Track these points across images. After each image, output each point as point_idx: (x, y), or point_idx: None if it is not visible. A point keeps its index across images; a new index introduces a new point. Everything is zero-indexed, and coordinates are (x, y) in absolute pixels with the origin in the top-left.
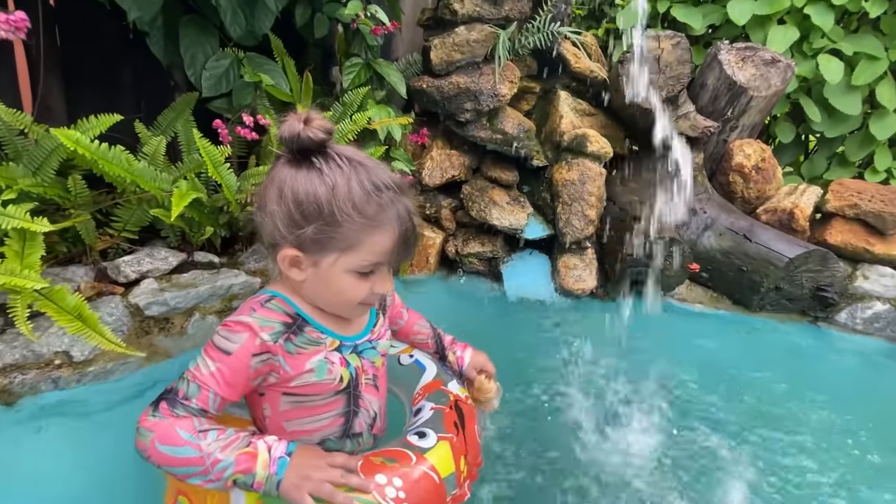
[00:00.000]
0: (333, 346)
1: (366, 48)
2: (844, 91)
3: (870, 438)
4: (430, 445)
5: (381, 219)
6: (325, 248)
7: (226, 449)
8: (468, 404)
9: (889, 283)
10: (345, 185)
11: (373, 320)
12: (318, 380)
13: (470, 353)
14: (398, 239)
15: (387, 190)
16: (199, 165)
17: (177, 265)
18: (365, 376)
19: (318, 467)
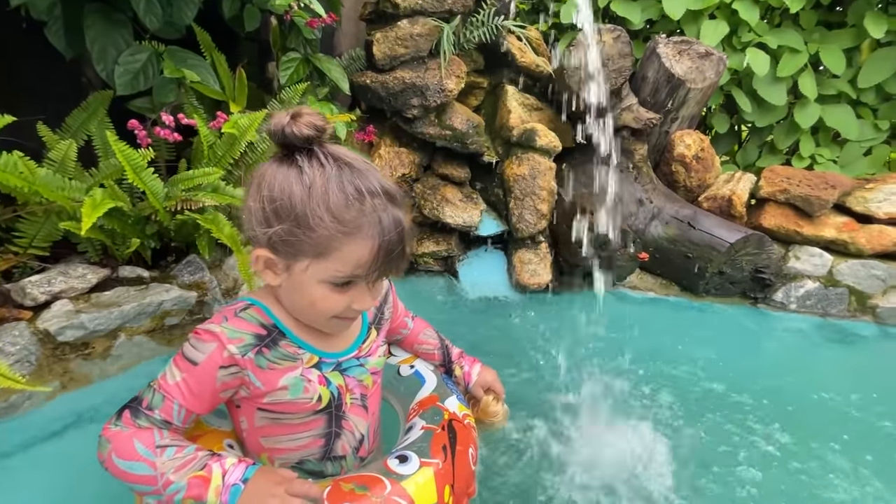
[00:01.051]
0: (311, 362)
1: (303, 42)
2: (771, 82)
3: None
4: (410, 472)
5: (359, 227)
6: (297, 253)
7: (180, 470)
8: (465, 425)
9: (818, 262)
10: (322, 185)
11: (362, 335)
12: (293, 398)
13: (478, 369)
14: (377, 251)
15: (371, 196)
16: (118, 171)
17: (97, 283)
18: (350, 396)
19: (275, 496)
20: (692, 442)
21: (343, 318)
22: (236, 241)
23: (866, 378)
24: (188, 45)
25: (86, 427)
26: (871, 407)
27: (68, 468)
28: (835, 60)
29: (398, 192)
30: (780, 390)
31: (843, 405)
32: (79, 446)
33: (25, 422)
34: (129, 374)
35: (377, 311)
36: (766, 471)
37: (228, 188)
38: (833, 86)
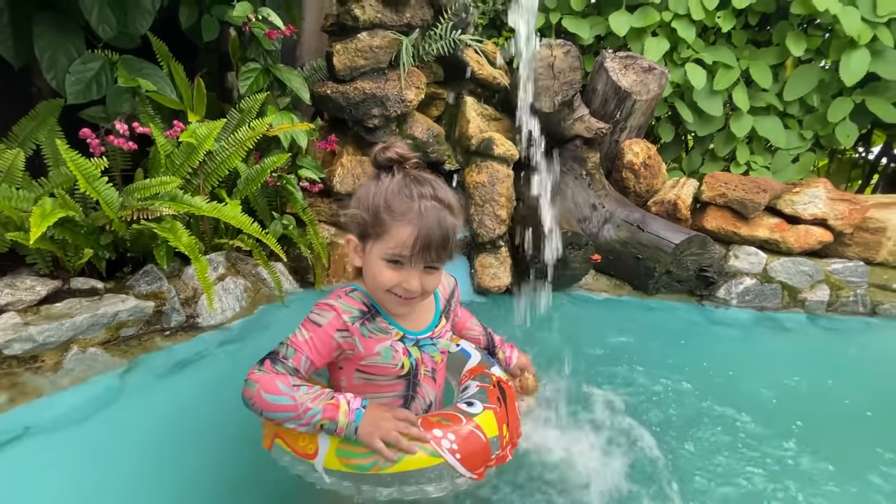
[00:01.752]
0: (398, 336)
1: (263, 53)
2: (709, 95)
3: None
4: (478, 412)
5: (406, 215)
6: (367, 235)
7: (315, 400)
8: (509, 385)
9: (754, 260)
10: (388, 186)
11: (435, 321)
12: (384, 362)
13: (516, 353)
14: (416, 237)
15: (421, 198)
16: (69, 180)
17: (47, 294)
18: (424, 368)
19: (387, 419)
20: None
21: (398, 295)
22: (194, 250)
23: (798, 362)
24: (145, 54)
25: (37, 439)
26: (801, 385)
27: (20, 480)
28: (763, 75)
29: (455, 203)
30: (725, 378)
31: (778, 385)
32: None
33: None
34: (82, 387)
35: (447, 303)
36: (716, 453)
37: (186, 197)
38: (763, 98)
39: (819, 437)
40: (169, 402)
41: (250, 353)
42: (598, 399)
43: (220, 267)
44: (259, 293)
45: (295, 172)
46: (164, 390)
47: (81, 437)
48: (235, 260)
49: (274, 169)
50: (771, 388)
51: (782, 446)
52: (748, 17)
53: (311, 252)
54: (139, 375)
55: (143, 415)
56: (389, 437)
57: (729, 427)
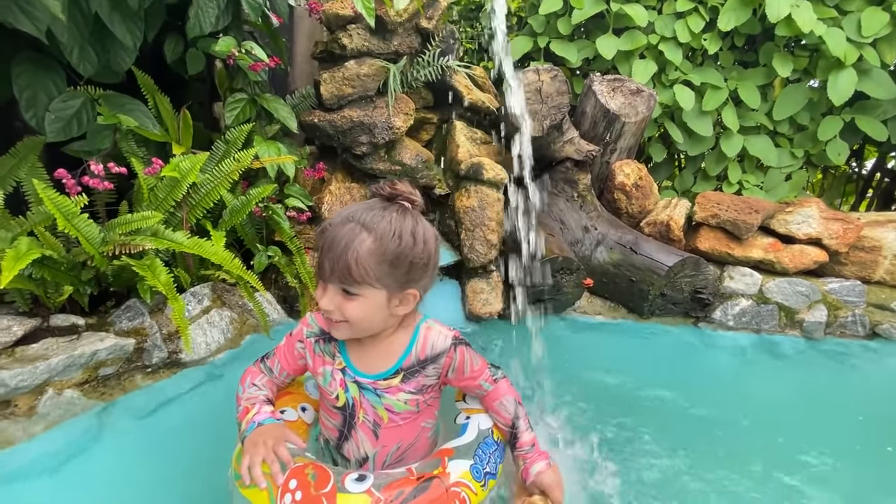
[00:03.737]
0: (340, 365)
1: (250, 83)
2: (698, 116)
3: (743, 416)
4: (354, 490)
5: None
6: None
7: (247, 400)
8: (446, 490)
9: (749, 281)
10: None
11: (389, 372)
12: (324, 385)
13: (539, 468)
14: (321, 252)
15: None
16: (48, 218)
17: (24, 335)
18: (363, 414)
19: (265, 443)
20: (637, 457)
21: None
22: (171, 289)
23: (793, 388)
24: (131, 87)
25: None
26: (799, 412)
27: None
28: (751, 96)
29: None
30: (722, 402)
31: (776, 412)
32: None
33: None
34: (57, 433)
35: (415, 362)
36: (709, 474)
37: (168, 232)
38: (752, 118)
39: (817, 466)
40: (148, 444)
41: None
42: (588, 426)
43: (205, 299)
44: (246, 324)
45: (282, 201)
46: (144, 431)
47: (53, 487)
48: (221, 291)
49: (260, 199)
50: (768, 416)
51: (779, 475)
52: (734, 39)
53: (299, 282)
54: (118, 417)
55: (120, 460)
56: (251, 458)
57: (723, 454)
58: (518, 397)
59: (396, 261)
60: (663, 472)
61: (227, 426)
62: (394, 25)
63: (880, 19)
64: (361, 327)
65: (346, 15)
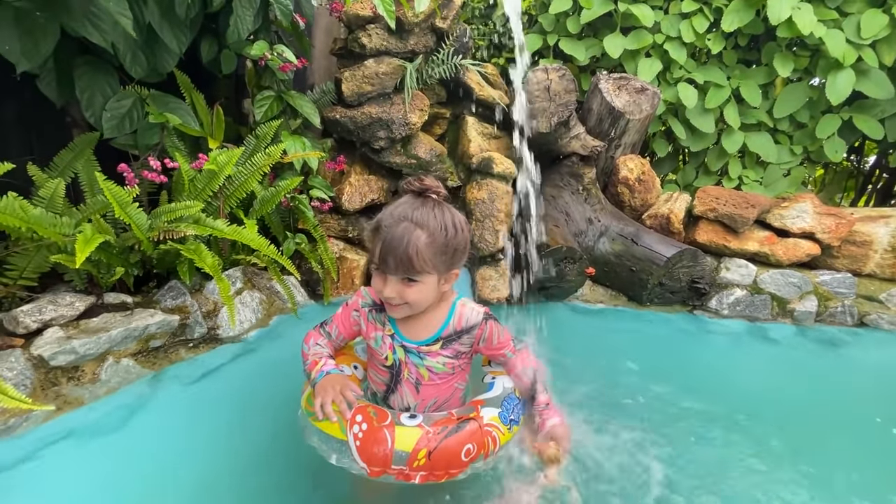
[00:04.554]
0: (389, 332)
1: (277, 81)
2: (701, 113)
3: (735, 398)
4: (407, 424)
5: (379, 230)
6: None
7: (314, 356)
8: (480, 427)
9: (744, 272)
10: (391, 207)
11: (431, 339)
12: (375, 347)
13: (554, 422)
14: (381, 249)
15: (398, 218)
16: (105, 206)
17: (84, 310)
18: (408, 372)
19: (332, 387)
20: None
21: (385, 300)
22: (217, 270)
23: (784, 371)
24: (168, 84)
25: (80, 443)
26: (787, 394)
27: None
28: (752, 94)
29: (431, 222)
30: (715, 388)
31: (770, 397)
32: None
33: (24, 441)
34: (116, 396)
35: (457, 333)
36: (700, 456)
37: (209, 220)
38: (753, 115)
39: (802, 444)
40: (195, 407)
41: (267, 360)
42: (587, 405)
43: (237, 282)
44: (273, 305)
45: (306, 192)
46: (190, 397)
47: (116, 442)
48: (251, 275)
49: (288, 191)
50: (759, 397)
51: (772, 453)
52: (738, 39)
53: (322, 267)
54: (167, 384)
55: (171, 419)
56: (322, 399)
57: (717, 435)
58: (536, 364)
59: (446, 248)
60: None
61: (260, 393)
62: (411, 25)
63: (880, 21)
64: (419, 306)
65: (365, 15)
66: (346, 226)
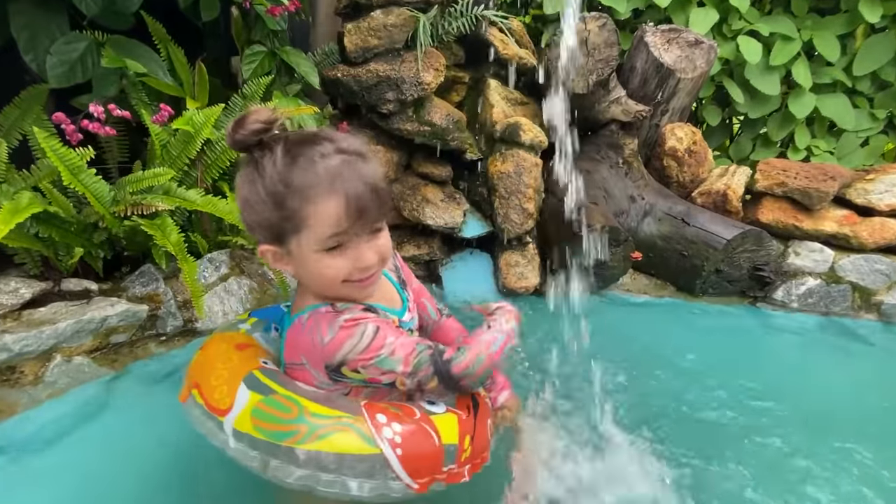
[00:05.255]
0: (394, 321)
1: (269, 35)
2: (763, 72)
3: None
4: (438, 411)
5: (319, 187)
6: (282, 234)
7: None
8: (485, 401)
9: (819, 257)
10: (274, 164)
11: (402, 295)
12: None
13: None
14: (346, 203)
15: (324, 158)
16: (55, 172)
17: (32, 298)
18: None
19: None
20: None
21: (357, 280)
22: (182, 250)
23: (872, 378)
24: (142, 37)
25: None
26: (878, 407)
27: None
28: (829, 47)
29: (359, 148)
30: (784, 394)
31: (850, 406)
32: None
33: None
34: (60, 402)
35: (396, 271)
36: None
37: (180, 190)
38: (828, 74)
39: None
40: (157, 412)
41: None
42: (633, 417)
43: (222, 266)
44: (266, 294)
45: None
46: (154, 399)
47: (56, 456)
48: (240, 259)
49: None
50: (842, 407)
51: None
52: None
53: None
54: (128, 385)
55: (128, 428)
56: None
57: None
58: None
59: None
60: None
61: None
62: None
63: None
64: (388, 256)
65: None
66: None
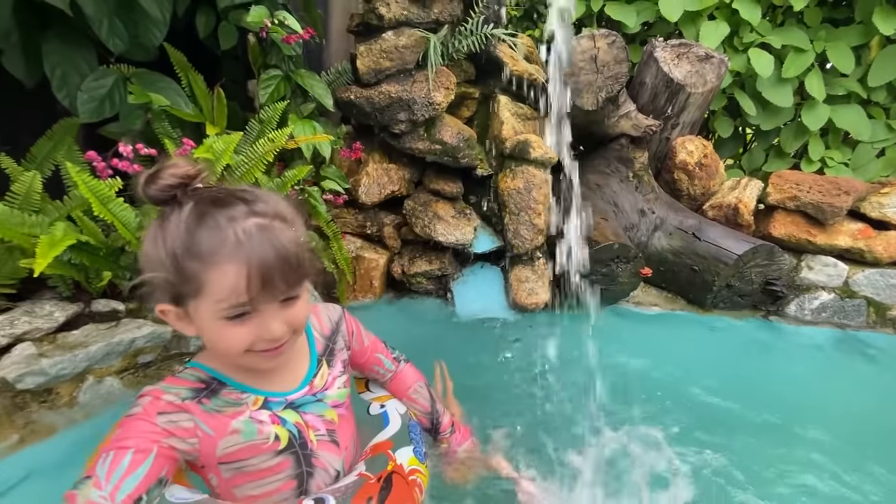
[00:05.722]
0: (258, 404)
1: (284, 59)
2: (775, 84)
3: (826, 425)
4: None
5: (218, 254)
6: (180, 296)
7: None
8: (408, 481)
9: (832, 272)
10: (177, 226)
11: (312, 370)
12: (248, 440)
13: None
14: (249, 273)
15: (231, 221)
16: (82, 203)
17: (65, 321)
18: (315, 433)
19: None
20: (708, 468)
21: (263, 350)
22: None
23: (884, 389)
24: (164, 66)
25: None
26: (888, 417)
27: None
28: (843, 59)
29: (283, 208)
30: (799, 409)
31: (866, 422)
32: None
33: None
34: (97, 421)
35: (326, 341)
36: (787, 494)
37: None
38: (842, 85)
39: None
40: None
41: None
42: (642, 433)
43: None
44: None
45: (318, 183)
46: None
47: None
48: None
49: (296, 182)
50: (858, 424)
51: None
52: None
53: (336, 267)
54: None
55: None
56: None
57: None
58: (424, 379)
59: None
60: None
61: None
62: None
63: None
64: (302, 329)
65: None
66: (364, 221)
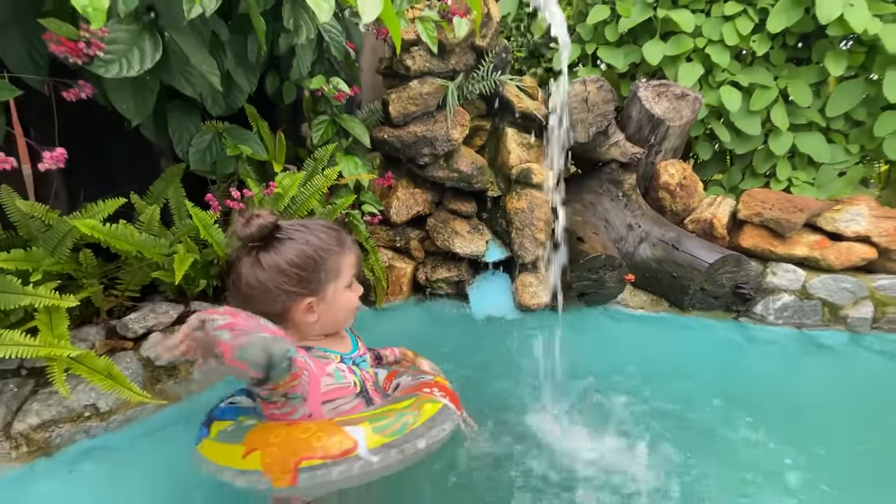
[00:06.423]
0: (337, 359)
1: (331, 106)
2: (745, 115)
3: (785, 411)
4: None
5: (343, 245)
6: (325, 283)
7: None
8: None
9: (792, 277)
10: (315, 237)
11: (354, 341)
12: (338, 383)
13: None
14: (357, 254)
15: (335, 231)
16: (191, 229)
17: (177, 317)
18: (369, 383)
19: None
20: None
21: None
22: None
23: (839, 382)
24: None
25: (183, 429)
26: (844, 408)
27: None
28: (802, 94)
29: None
30: (762, 397)
31: (826, 412)
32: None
33: (143, 428)
34: (208, 393)
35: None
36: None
37: None
38: (804, 115)
39: (860, 462)
40: None
41: None
42: (623, 413)
43: None
44: None
45: (359, 207)
46: None
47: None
48: None
49: (343, 208)
50: (812, 409)
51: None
52: (786, 38)
53: (373, 275)
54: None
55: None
56: None
57: (761, 455)
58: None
59: None
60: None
61: None
62: (452, 46)
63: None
64: None
65: (409, 39)
66: (394, 236)
